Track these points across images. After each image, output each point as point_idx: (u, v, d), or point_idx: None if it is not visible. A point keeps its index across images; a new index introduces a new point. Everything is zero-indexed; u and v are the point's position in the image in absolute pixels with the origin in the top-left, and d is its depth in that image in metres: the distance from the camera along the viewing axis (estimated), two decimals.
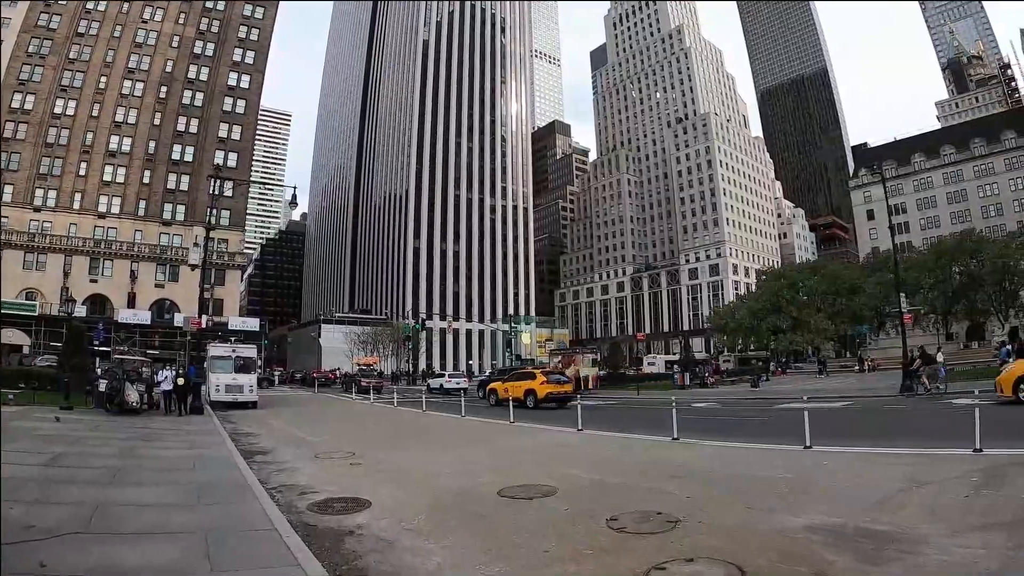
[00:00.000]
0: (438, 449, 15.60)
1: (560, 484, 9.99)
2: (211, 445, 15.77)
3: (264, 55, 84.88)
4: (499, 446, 15.73)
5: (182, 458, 13.24)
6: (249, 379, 32.40)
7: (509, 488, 9.69)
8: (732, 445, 13.93)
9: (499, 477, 10.75)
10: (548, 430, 19.32)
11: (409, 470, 12.07)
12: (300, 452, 14.99)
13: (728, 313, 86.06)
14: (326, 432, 20.97)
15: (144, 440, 16.32)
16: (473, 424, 22.29)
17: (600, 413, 24.11)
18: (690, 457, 12.84)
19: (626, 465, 12.28)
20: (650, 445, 14.94)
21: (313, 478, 11.16)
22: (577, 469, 11.66)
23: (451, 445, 16.34)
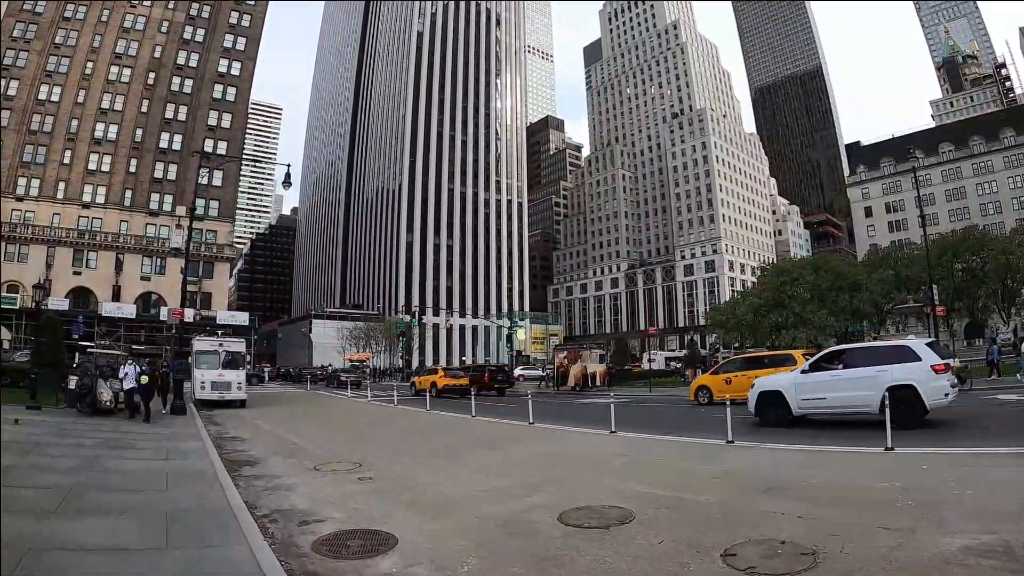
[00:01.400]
0: (456, 457, 13.65)
1: (630, 504, 8.17)
2: (190, 454, 13.79)
3: (256, 42, 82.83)
4: (526, 452, 13.80)
5: (153, 473, 11.24)
6: (237, 376, 30.08)
7: (570, 513, 7.84)
8: (799, 448, 12.49)
9: (548, 496, 8.97)
10: (573, 432, 17.42)
11: (431, 487, 10.09)
12: (296, 463, 13.02)
13: (728, 309, 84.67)
14: (323, 436, 19.03)
15: (111, 448, 14.15)
16: (486, 425, 20.37)
17: (621, 412, 22.13)
18: (762, 464, 11.24)
19: (695, 476, 10.40)
20: (703, 450, 13.15)
21: (315, 500, 9.23)
22: (637, 483, 9.79)
23: (470, 451, 14.37)
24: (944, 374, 15.04)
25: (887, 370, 15.31)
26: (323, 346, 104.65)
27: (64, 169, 71.17)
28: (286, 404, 34.34)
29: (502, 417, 22.57)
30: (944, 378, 15.00)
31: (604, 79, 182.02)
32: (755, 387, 18.37)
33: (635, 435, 15.63)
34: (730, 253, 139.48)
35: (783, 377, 18.19)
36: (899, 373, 15.10)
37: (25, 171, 69.43)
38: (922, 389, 14.70)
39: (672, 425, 18.55)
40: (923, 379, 14.82)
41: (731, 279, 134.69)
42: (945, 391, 14.86)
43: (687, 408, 24.96)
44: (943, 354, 16.10)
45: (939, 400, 14.78)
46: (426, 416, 24.53)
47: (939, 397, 14.73)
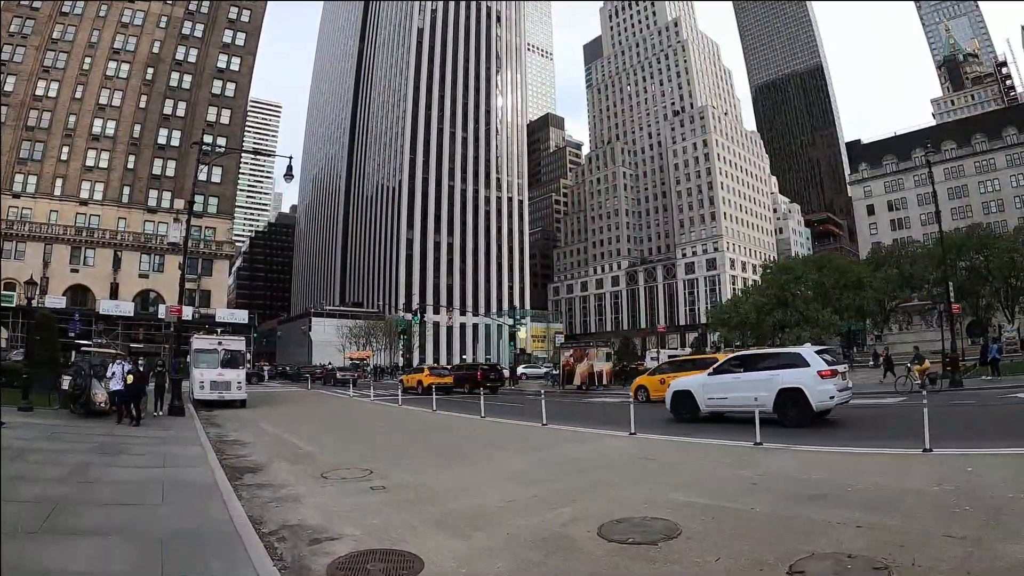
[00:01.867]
0: (475, 462, 12.90)
1: (673, 515, 7.54)
2: (188, 461, 12.78)
3: (255, 37, 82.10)
4: (548, 457, 13.08)
5: (148, 483, 10.22)
6: (237, 375, 29.24)
7: (611, 527, 7.18)
8: (832, 450, 12.13)
9: (583, 507, 8.30)
10: (590, 433, 16.69)
11: (453, 497, 9.34)
12: (301, 469, 12.17)
13: (731, 307, 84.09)
14: (329, 439, 18.09)
15: (104, 454, 13.24)
16: (497, 427, 19.67)
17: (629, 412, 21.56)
18: (795, 468, 10.71)
19: (732, 482, 9.74)
20: (731, 453, 12.54)
21: (325, 513, 8.44)
22: (674, 490, 9.15)
23: (488, 456, 13.63)
24: (830, 379, 16.65)
25: (779, 374, 17.25)
26: (323, 344, 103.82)
27: (62, 165, 70.53)
28: (288, 404, 33.34)
29: (512, 417, 21.94)
30: (829, 383, 16.59)
31: (604, 77, 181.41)
32: (670, 387, 20.63)
33: (656, 437, 15.23)
34: (731, 251, 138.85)
35: (693, 379, 20.34)
36: (789, 377, 16.97)
37: (22, 168, 68.79)
38: (809, 392, 16.46)
39: (691, 427, 18.01)
40: (810, 383, 16.55)
41: (732, 277, 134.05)
42: (830, 394, 16.49)
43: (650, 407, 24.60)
44: (832, 362, 17.50)
45: (824, 402, 16.48)
46: (433, 417, 23.79)
47: (824, 399, 16.45)
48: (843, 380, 17.60)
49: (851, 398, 18.73)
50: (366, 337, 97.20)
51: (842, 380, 17.48)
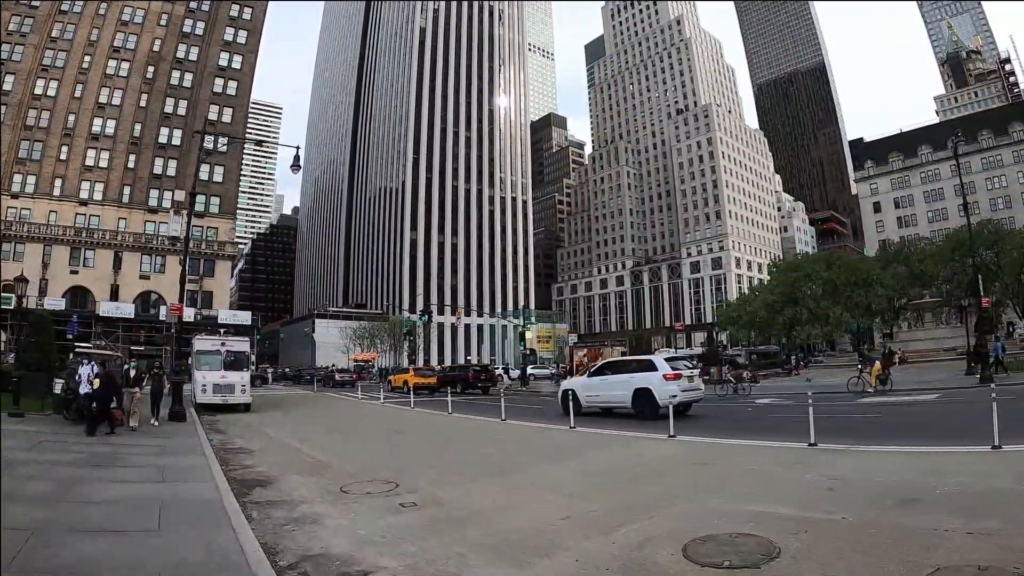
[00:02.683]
0: (509, 472, 11.52)
1: (761, 530, 6.58)
2: (189, 473, 11.44)
3: (257, 35, 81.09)
4: (590, 464, 11.91)
5: (143, 502, 8.81)
6: (241, 377, 28.06)
7: (695, 546, 6.18)
8: (893, 450, 11.55)
9: (653, 524, 7.25)
10: (625, 436, 15.69)
11: (498, 515, 8.14)
12: (317, 482, 10.82)
13: (740, 305, 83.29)
14: (343, 446, 16.82)
15: (96, 466, 11.90)
16: (522, 430, 18.56)
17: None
18: (862, 469, 10.07)
19: (804, 489, 8.83)
20: (786, 455, 11.72)
21: (352, 538, 7.18)
22: (744, 500, 8.17)
23: (519, 464, 12.31)
24: (673, 381, 19.90)
25: (636, 377, 20.90)
26: (326, 346, 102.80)
27: (61, 165, 69.56)
28: (294, 408, 32.03)
29: (533, 420, 21.06)
30: (673, 384, 19.73)
31: (607, 76, 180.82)
32: (561, 386, 24.78)
33: (697, 439, 14.39)
34: (736, 250, 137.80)
35: (577, 380, 24.62)
36: (640, 379, 20.57)
37: (21, 167, 67.82)
38: (655, 391, 19.83)
39: (728, 426, 17.57)
40: (657, 384, 19.95)
41: (738, 276, 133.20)
42: (673, 394, 18.64)
43: (729, 408, 24.04)
44: (677, 367, 20.90)
45: (667, 400, 17.99)
46: (450, 420, 22.74)
47: (666, 398, 18.32)
48: (689, 382, 20.88)
49: (701, 397, 21.85)
50: (370, 338, 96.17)
51: (688, 382, 20.77)
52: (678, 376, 20.34)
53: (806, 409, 12.45)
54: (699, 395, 21.67)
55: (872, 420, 18.06)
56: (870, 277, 68.62)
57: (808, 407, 12.95)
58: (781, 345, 72.21)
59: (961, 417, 17.74)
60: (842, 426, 15.15)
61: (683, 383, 20.32)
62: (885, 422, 17.44)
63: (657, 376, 20.34)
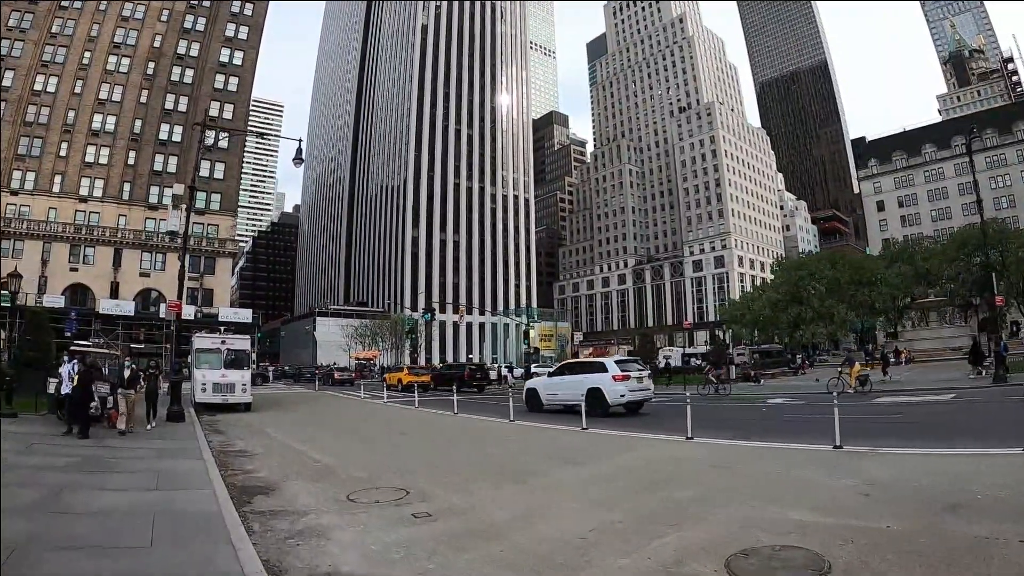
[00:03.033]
0: (525, 477, 10.75)
1: (805, 541, 6.18)
2: (186, 479, 10.66)
3: (258, 31, 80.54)
4: (604, 469, 11.30)
5: (135, 513, 8.13)
6: (241, 376, 27.29)
7: (739, 562, 5.70)
8: (935, 453, 11.26)
9: (683, 534, 6.78)
10: (640, 438, 15.17)
11: (516, 526, 7.54)
12: (323, 489, 10.13)
13: (744, 304, 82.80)
14: (348, 448, 16.03)
15: (88, 471, 11.23)
16: (532, 432, 17.96)
17: (673, 413, 20.39)
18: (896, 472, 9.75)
19: (840, 494, 8.38)
20: (811, 458, 11.27)
21: (364, 554, 6.54)
22: (778, 507, 7.73)
23: (533, 469, 11.61)
24: (622, 382, 21.63)
25: (589, 378, 22.37)
26: (328, 344, 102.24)
27: (61, 162, 69.02)
28: (296, 407, 31.23)
29: (542, 421, 20.46)
30: (621, 385, 21.57)
31: (609, 74, 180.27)
32: (525, 386, 26.89)
33: (716, 441, 13.88)
34: (739, 248, 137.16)
35: (538, 380, 26.89)
36: (592, 380, 22.07)
37: (20, 164, 67.27)
38: (606, 391, 21.46)
39: (744, 428, 16.90)
40: (606, 385, 21.62)
41: (741, 275, 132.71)
42: (621, 393, 21.40)
43: (748, 407, 23.65)
44: (627, 369, 22.52)
45: (616, 399, 21.35)
46: (456, 421, 22.19)
47: (616, 398, 21.35)
48: (638, 383, 22.40)
49: (651, 397, 23.21)
50: (372, 337, 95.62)
51: (637, 383, 22.27)
52: (626, 377, 21.97)
53: (822, 409, 12.02)
54: (648, 395, 22.95)
55: (893, 421, 17.58)
56: (875, 276, 68.33)
57: (826, 408, 12.50)
58: (784, 344, 71.97)
59: (981, 417, 17.44)
60: (863, 427, 14.61)
61: (631, 384, 21.95)
62: (906, 423, 16.97)
63: (607, 377, 21.98)
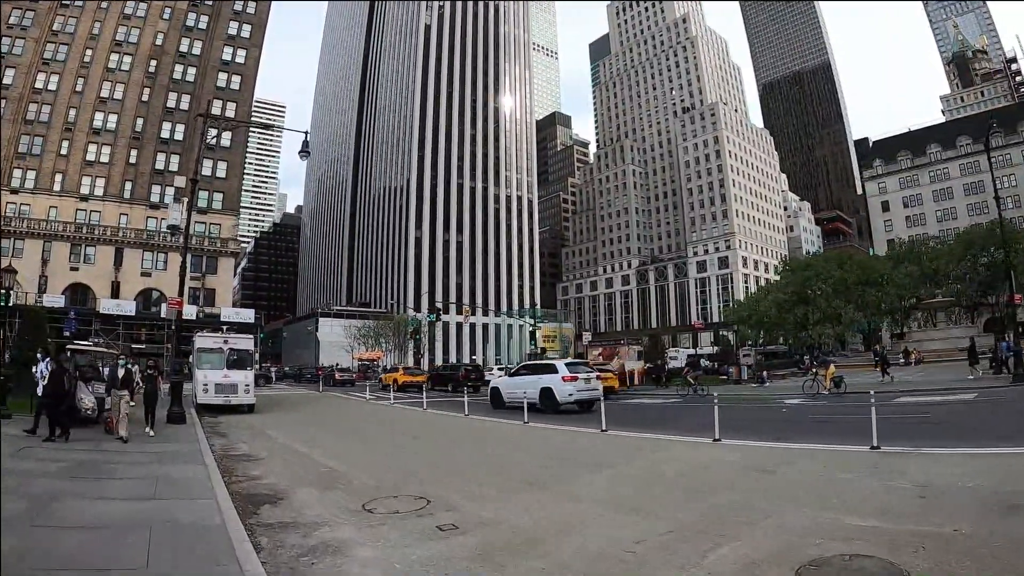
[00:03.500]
0: (547, 483, 10.21)
1: (873, 549, 5.81)
2: (187, 487, 9.87)
3: (261, 29, 79.94)
4: (634, 473, 10.72)
5: (131, 526, 7.33)
6: (244, 376, 26.54)
7: (810, 573, 5.28)
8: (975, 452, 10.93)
9: (739, 544, 6.22)
10: (662, 440, 14.58)
11: (553, 538, 6.83)
12: (335, 498, 9.35)
13: (750, 304, 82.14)
14: (358, 453, 15.27)
15: (81, 478, 10.37)
16: (551, 434, 17.27)
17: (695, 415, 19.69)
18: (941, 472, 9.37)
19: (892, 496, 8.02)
20: (850, 458, 10.89)
21: (388, 573, 5.86)
22: (833, 513, 7.25)
23: (558, 474, 10.93)
24: (570, 383, 23.77)
25: (542, 378, 24.72)
26: (330, 345, 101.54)
27: (61, 160, 68.41)
28: (300, 409, 30.43)
29: (555, 422, 19.81)
30: (570, 385, 23.73)
31: (612, 74, 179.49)
32: (489, 384, 29.41)
33: (746, 443, 13.27)
34: (744, 249, 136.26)
35: (501, 380, 28.95)
36: (545, 380, 24.41)
37: (21, 162, 66.66)
38: (556, 391, 23.68)
39: (769, 429, 16.46)
40: (556, 385, 23.80)
41: (745, 276, 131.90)
42: (569, 392, 23.52)
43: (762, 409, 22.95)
44: (575, 371, 24.66)
45: (565, 398, 23.47)
46: (468, 423, 21.48)
47: (564, 396, 23.46)
48: (586, 383, 24.45)
49: (598, 396, 23.25)
50: (375, 337, 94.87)
51: (584, 383, 24.31)
52: (575, 379, 24.08)
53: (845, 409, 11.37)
54: (596, 395, 23.86)
55: (922, 420, 17.01)
56: (882, 276, 67.80)
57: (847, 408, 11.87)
58: (789, 345, 71.43)
59: (1012, 417, 16.98)
60: (895, 427, 14.08)
61: (579, 384, 24.00)
62: (934, 422, 16.57)
63: (558, 378, 24.12)
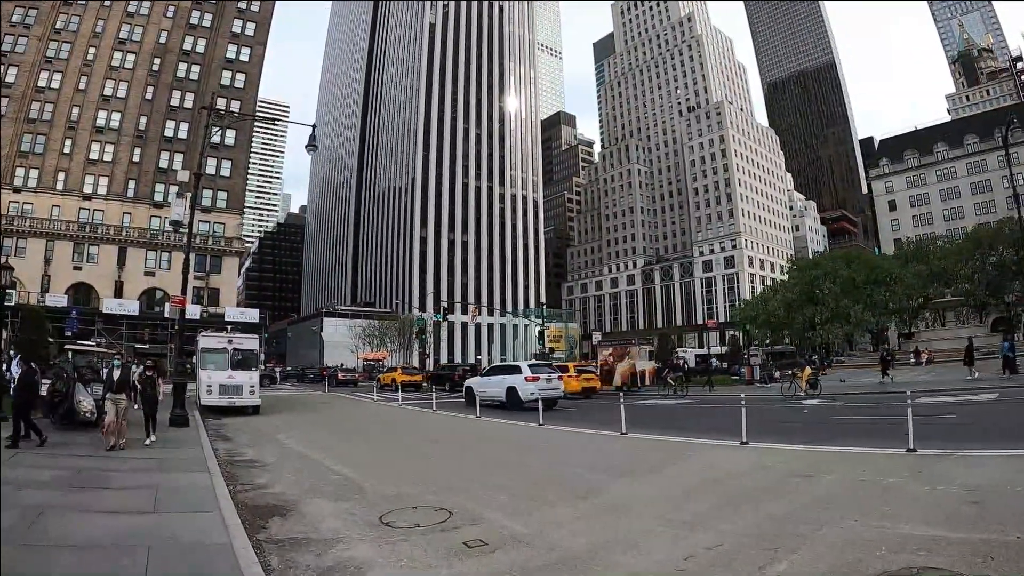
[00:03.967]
0: (578, 492, 9.37)
1: (941, 561, 5.43)
2: (189, 498, 9.03)
3: (265, 27, 79.48)
4: (670, 481, 10.00)
5: (126, 543, 6.64)
6: (249, 377, 25.79)
7: None
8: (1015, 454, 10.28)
9: (799, 558, 5.74)
10: (691, 443, 13.94)
11: (592, 557, 6.12)
12: (349, 509, 8.58)
13: (758, 303, 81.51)
14: (372, 458, 14.36)
15: (74, 488, 9.58)
16: (568, 438, 16.53)
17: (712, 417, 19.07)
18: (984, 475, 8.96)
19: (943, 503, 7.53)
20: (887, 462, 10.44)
21: None
22: (889, 521, 6.74)
23: (590, 481, 10.06)
24: (533, 382, 25.53)
25: (508, 378, 27.06)
26: (335, 345, 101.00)
27: (64, 159, 68.01)
28: (307, 410, 29.43)
29: (572, 424, 19.10)
30: (532, 384, 25.36)
31: (617, 73, 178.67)
32: (465, 384, 31.15)
33: (778, 447, 12.67)
34: (750, 249, 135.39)
35: (474, 379, 30.72)
36: (509, 380, 26.70)
37: (23, 161, 66.32)
38: (519, 390, 25.68)
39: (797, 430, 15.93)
40: (520, 384, 25.87)
41: (751, 275, 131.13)
42: (531, 391, 24.65)
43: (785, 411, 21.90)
44: (538, 372, 26.81)
45: (527, 396, 24.80)
46: (482, 425, 20.70)
47: (527, 395, 24.95)
48: (547, 383, 26.15)
49: (560, 395, 27.33)
50: (380, 337, 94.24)
51: (546, 383, 26.02)
52: (536, 379, 25.92)
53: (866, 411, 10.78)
54: (557, 394, 26.79)
55: (949, 422, 16.42)
56: (890, 275, 67.32)
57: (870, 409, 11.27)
58: (796, 345, 71.03)
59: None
60: (925, 429, 13.37)
61: (541, 384, 25.54)
62: (962, 423, 16.11)
63: (521, 378, 26.28)
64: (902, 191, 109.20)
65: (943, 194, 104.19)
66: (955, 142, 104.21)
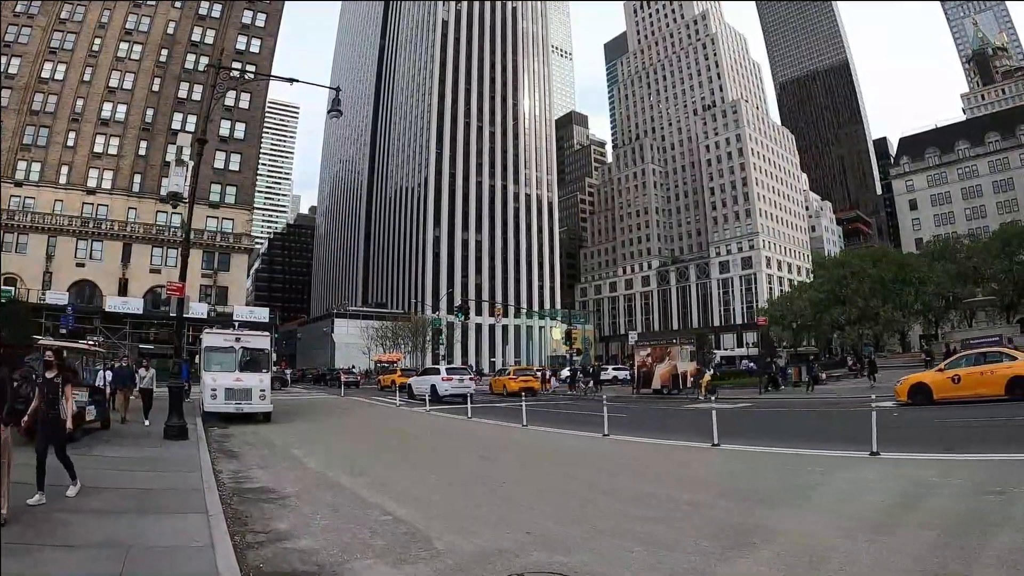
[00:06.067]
0: (739, 536, 6.65)
1: None
2: (173, 564, 5.87)
3: (276, 18, 77.29)
4: (850, 507, 7.57)
5: None
6: (260, 380, 22.20)
7: None
8: None
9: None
10: (814, 456, 11.70)
11: None
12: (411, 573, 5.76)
13: (783, 304, 79.24)
14: (421, 485, 10.43)
15: (17, 543, 6.02)
16: (647, 450, 14.09)
17: (775, 422, 16.63)
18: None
19: None
20: None
21: None
22: None
23: (734, 515, 7.44)
24: (448, 382, 33.78)
25: (430, 378, 34.82)
26: (346, 346, 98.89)
27: (68, 152, 65.88)
28: (323, 418, 25.94)
29: (635, 433, 16.39)
30: (447, 383, 33.56)
31: (630, 73, 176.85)
32: (408, 383, 38.65)
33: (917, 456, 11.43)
34: (767, 249, 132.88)
35: (414, 379, 38.85)
36: (431, 379, 34.37)
37: (25, 154, 64.26)
38: (437, 387, 33.14)
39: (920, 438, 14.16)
40: (438, 383, 33.52)
41: (768, 276, 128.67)
42: (446, 389, 33.03)
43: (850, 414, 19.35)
44: (452, 373, 35.56)
45: (444, 392, 32.91)
46: (533, 436, 17.71)
47: (444, 392, 32.90)
48: (459, 383, 33.44)
49: (471, 392, 30.54)
50: (392, 338, 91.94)
51: (459, 383, 33.35)
52: (451, 379, 33.73)
53: None
54: (469, 391, 30.83)
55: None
56: (918, 275, 65.34)
57: None
58: (825, 347, 69.00)
59: None
60: None
61: (454, 383, 33.26)
62: None
63: (439, 378, 34.19)
64: (923, 189, 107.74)
65: (965, 192, 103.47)
66: (976, 140, 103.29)
